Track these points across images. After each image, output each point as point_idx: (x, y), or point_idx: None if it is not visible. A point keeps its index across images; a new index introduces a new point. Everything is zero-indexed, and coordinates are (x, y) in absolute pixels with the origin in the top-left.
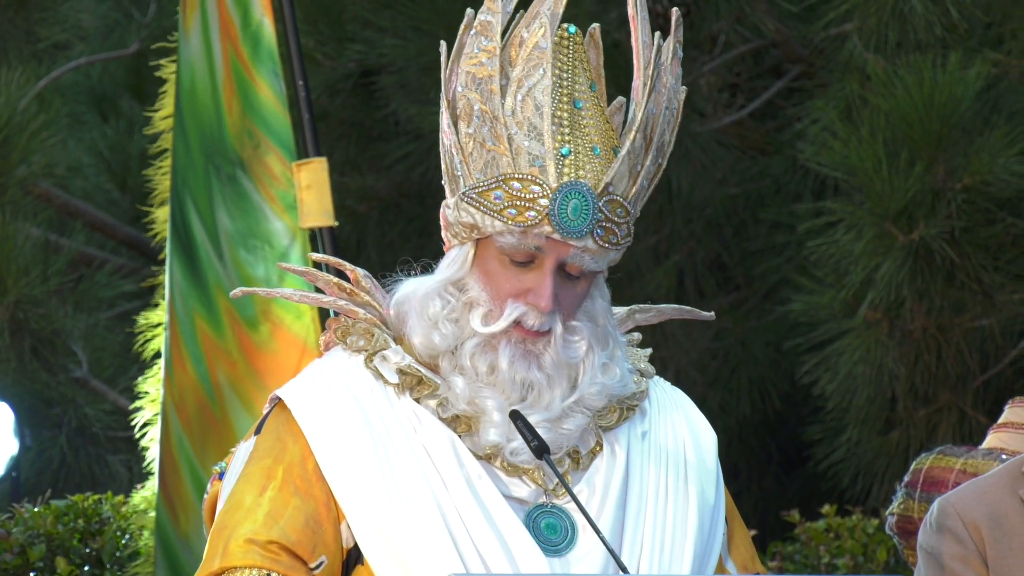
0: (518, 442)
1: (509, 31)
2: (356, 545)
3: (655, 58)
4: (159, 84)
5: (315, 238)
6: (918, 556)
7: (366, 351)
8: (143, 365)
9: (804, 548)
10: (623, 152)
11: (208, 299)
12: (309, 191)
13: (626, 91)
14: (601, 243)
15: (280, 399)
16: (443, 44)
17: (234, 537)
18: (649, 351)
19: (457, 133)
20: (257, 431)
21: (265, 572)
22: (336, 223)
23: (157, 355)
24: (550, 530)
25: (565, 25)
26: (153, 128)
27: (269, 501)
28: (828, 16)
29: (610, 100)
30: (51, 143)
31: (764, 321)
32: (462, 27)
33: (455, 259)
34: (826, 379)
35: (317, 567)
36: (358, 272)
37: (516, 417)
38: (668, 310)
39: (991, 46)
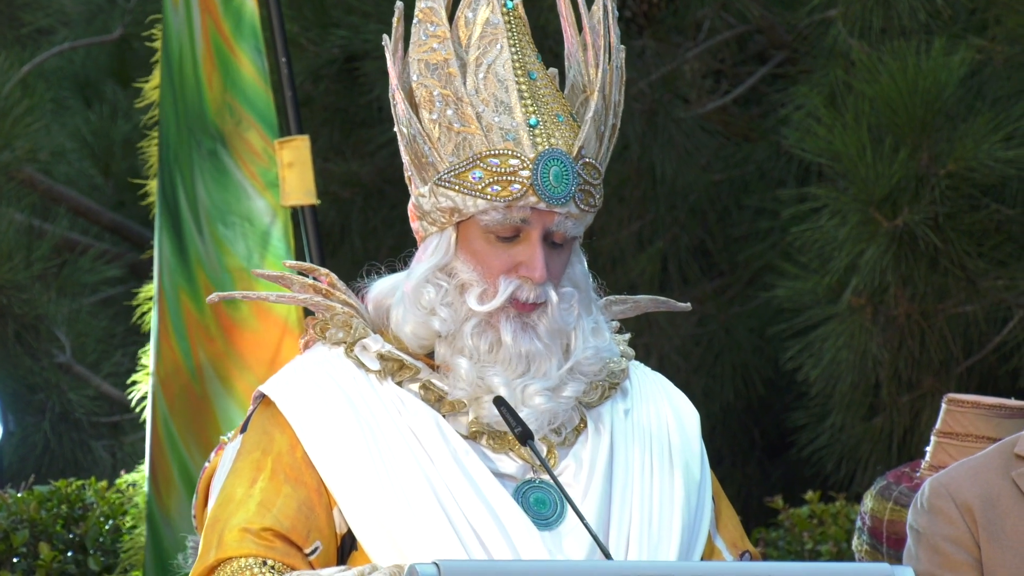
0: (525, 412)
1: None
2: (349, 531)
3: (603, 18)
4: (143, 69)
5: (296, 216)
6: (908, 536)
7: (345, 342)
8: (127, 350)
9: (787, 534)
10: (589, 114)
11: (190, 274)
12: (291, 169)
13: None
14: (582, 207)
15: (264, 395)
16: (385, 37)
17: (228, 528)
18: (629, 335)
19: (420, 121)
20: (243, 429)
21: (261, 560)
22: (318, 201)
23: None
24: (539, 504)
25: (502, 1)
26: (144, 100)
27: (260, 491)
28: (812, 2)
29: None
30: (34, 128)
31: (748, 307)
32: (395, 21)
33: (438, 246)
34: (810, 365)
35: (312, 552)
36: (332, 276)
37: (500, 403)
38: (644, 302)
39: (975, 32)
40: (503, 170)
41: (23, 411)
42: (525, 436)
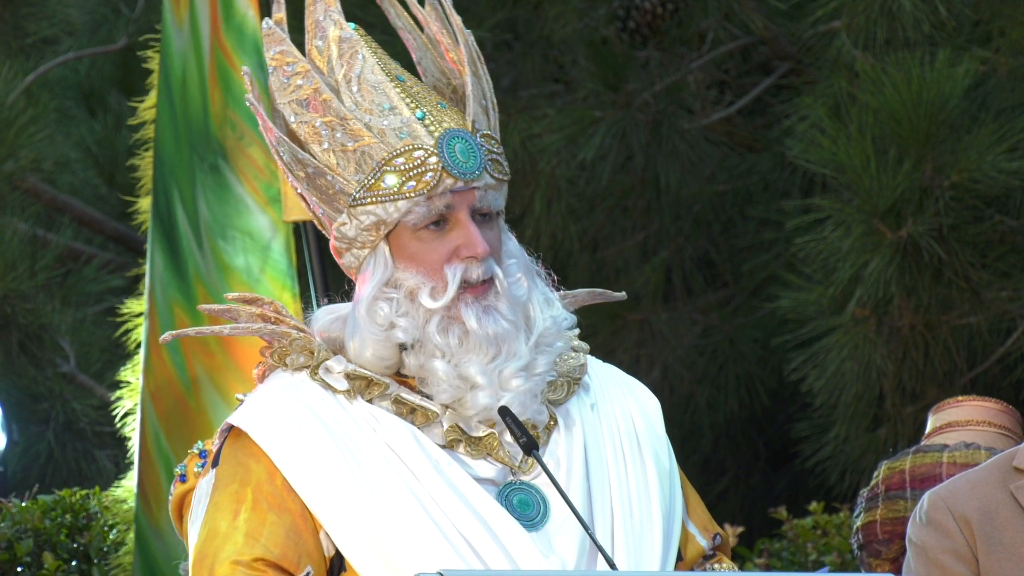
0: (507, 397)
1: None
2: (336, 554)
3: (437, 6)
4: (147, 78)
5: (299, 232)
6: (907, 549)
7: (308, 366)
8: (131, 360)
9: (791, 545)
10: (468, 90)
11: (188, 289)
12: None
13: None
14: (496, 175)
15: (232, 427)
16: (248, 98)
17: (218, 562)
18: (577, 331)
19: (315, 157)
20: (214, 464)
21: None
22: None
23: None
24: (523, 506)
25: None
26: (138, 119)
27: (245, 522)
28: (816, 13)
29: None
30: (39, 138)
31: (752, 318)
32: (247, 85)
33: (376, 264)
34: (814, 376)
35: None
36: (276, 303)
37: (505, 413)
38: (582, 295)
39: (979, 43)
40: (411, 165)
41: (27, 421)
42: (530, 446)
